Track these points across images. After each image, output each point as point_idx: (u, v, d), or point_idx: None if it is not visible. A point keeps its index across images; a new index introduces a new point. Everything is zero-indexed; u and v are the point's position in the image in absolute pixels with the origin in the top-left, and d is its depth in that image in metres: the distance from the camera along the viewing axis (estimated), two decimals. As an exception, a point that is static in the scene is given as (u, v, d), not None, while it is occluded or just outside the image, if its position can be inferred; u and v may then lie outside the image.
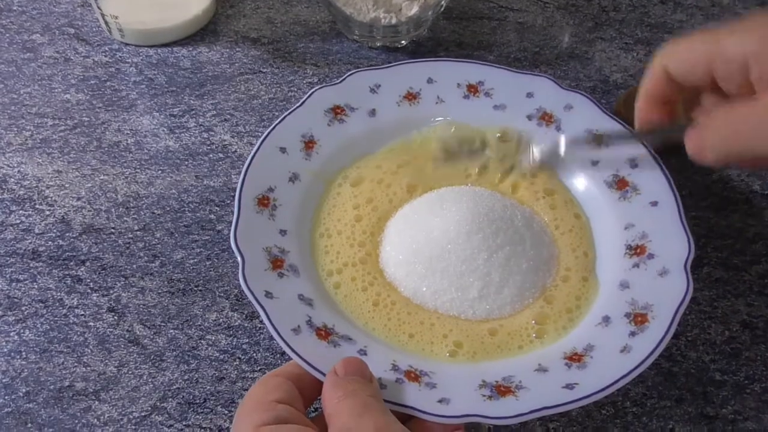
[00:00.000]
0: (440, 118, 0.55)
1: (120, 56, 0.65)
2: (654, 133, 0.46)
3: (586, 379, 0.40)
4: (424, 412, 0.38)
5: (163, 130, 0.59)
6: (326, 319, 0.44)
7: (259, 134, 0.51)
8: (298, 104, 0.52)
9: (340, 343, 0.42)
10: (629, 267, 0.46)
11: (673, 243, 0.45)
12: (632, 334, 0.42)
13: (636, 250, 0.46)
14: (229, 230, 0.45)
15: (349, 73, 0.54)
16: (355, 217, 0.50)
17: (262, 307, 0.41)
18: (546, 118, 0.53)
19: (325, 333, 0.42)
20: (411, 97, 0.54)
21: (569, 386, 0.39)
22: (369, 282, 0.47)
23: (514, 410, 0.38)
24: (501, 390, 0.40)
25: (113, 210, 0.54)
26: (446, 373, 0.42)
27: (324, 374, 0.38)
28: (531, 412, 0.38)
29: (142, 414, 0.44)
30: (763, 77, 0.36)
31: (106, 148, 0.58)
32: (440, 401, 0.39)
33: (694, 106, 0.44)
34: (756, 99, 0.36)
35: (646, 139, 0.49)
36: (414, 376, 0.41)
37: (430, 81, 0.55)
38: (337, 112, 0.53)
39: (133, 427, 0.43)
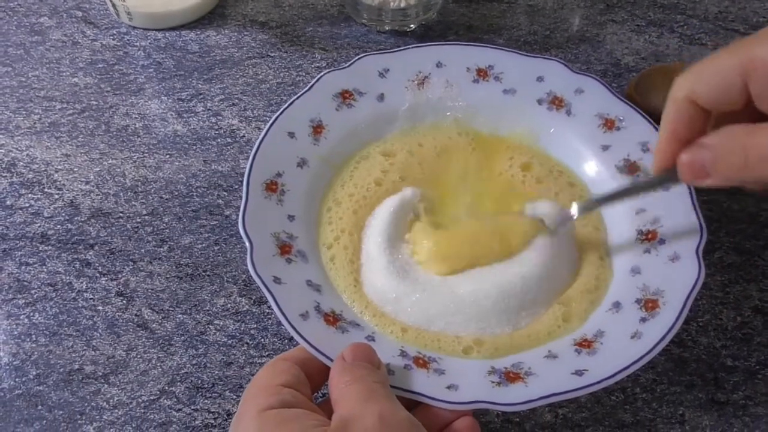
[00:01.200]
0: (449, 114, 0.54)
1: (128, 40, 0.65)
2: (674, 179, 0.39)
3: (596, 366, 0.39)
4: (433, 398, 0.38)
5: (171, 115, 0.59)
6: (334, 305, 0.44)
7: (267, 119, 0.50)
8: (306, 88, 0.52)
9: (348, 329, 0.42)
10: (641, 252, 0.46)
11: (684, 228, 0.45)
12: (643, 320, 0.41)
13: (647, 236, 0.46)
14: (237, 215, 0.45)
15: (357, 57, 0.54)
16: (375, 181, 0.50)
17: (270, 292, 0.41)
18: (556, 102, 0.52)
19: (333, 319, 0.42)
20: (420, 81, 0.54)
21: (579, 372, 0.39)
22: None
23: (523, 397, 0.38)
24: (510, 376, 0.40)
25: (122, 194, 0.54)
26: (455, 359, 0.42)
27: (331, 360, 0.38)
28: (540, 398, 0.38)
29: (151, 398, 0.44)
30: None
31: (115, 132, 0.58)
32: (448, 387, 0.39)
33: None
34: None
35: (666, 186, 0.44)
36: (422, 362, 0.41)
37: (439, 65, 0.54)
38: (345, 96, 0.53)
39: (142, 410, 0.43)
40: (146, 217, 0.53)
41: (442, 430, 0.38)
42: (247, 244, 0.43)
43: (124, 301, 0.48)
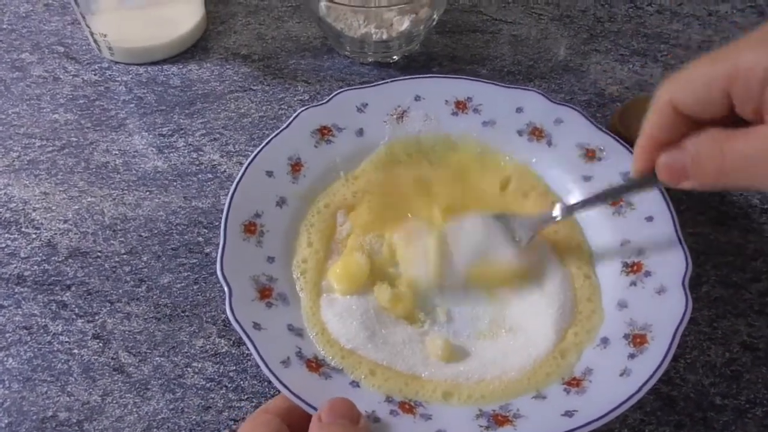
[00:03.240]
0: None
1: (110, 75, 0.65)
2: (653, 182, 0.39)
3: (586, 406, 0.39)
4: None
5: (152, 150, 0.59)
6: (317, 351, 0.43)
7: (249, 153, 0.50)
8: (284, 126, 0.51)
9: (332, 375, 0.41)
10: (627, 285, 0.45)
11: (670, 259, 0.44)
12: (631, 356, 0.41)
13: (633, 267, 0.45)
14: (217, 253, 0.44)
15: (335, 93, 0.53)
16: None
17: (251, 339, 0.40)
18: (536, 133, 0.52)
19: (315, 365, 0.41)
20: (399, 114, 0.53)
21: (569, 413, 0.38)
22: None
23: None
24: (499, 420, 0.39)
25: (100, 233, 0.53)
26: (443, 404, 0.41)
27: (314, 408, 0.37)
28: None
29: (126, 445, 0.43)
30: None
31: (94, 169, 0.57)
32: None
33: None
34: (756, 128, 0.32)
35: (645, 188, 0.44)
36: (409, 407, 0.40)
37: (417, 98, 0.54)
38: (323, 132, 0.52)
39: (117, 459, 0.42)
40: (125, 256, 0.52)
41: None
42: (226, 289, 0.42)
43: (101, 344, 0.47)
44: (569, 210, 0.46)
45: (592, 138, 0.51)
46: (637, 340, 0.41)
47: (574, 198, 0.50)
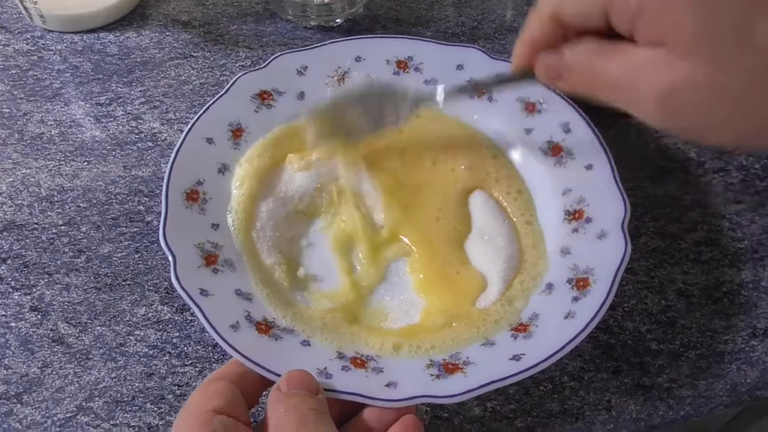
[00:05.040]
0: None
1: (42, 44, 0.63)
2: (530, 77, 0.41)
3: (533, 349, 0.40)
4: (372, 398, 0.37)
5: (89, 120, 0.57)
6: (266, 313, 0.42)
7: (190, 120, 0.49)
8: (222, 92, 0.51)
9: (282, 336, 0.41)
10: (569, 232, 0.46)
11: (609, 205, 0.45)
12: (575, 299, 0.42)
13: (574, 215, 0.46)
14: (159, 221, 0.44)
15: (273, 56, 0.52)
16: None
17: (198, 305, 0.40)
18: (477, 89, 0.52)
19: (265, 327, 0.41)
20: (340, 76, 0.53)
21: (516, 357, 0.39)
22: None
23: (463, 387, 0.38)
24: (449, 368, 0.40)
25: (36, 205, 0.52)
26: (394, 357, 0.41)
27: (267, 370, 0.38)
28: (480, 387, 0.38)
29: (68, 415, 0.42)
30: (650, 27, 0.33)
31: (29, 141, 0.56)
32: (387, 385, 0.38)
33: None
34: (625, 49, 0.34)
35: (522, 83, 0.44)
36: (360, 362, 0.40)
37: (358, 59, 0.53)
38: (264, 97, 0.51)
39: (58, 429, 0.42)
40: (62, 227, 0.51)
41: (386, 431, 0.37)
42: (170, 257, 0.42)
43: (39, 316, 0.46)
44: (450, 93, 0.48)
45: (531, 91, 0.51)
46: (580, 283, 0.42)
47: (516, 152, 0.51)
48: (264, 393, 0.39)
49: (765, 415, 0.62)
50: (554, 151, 0.49)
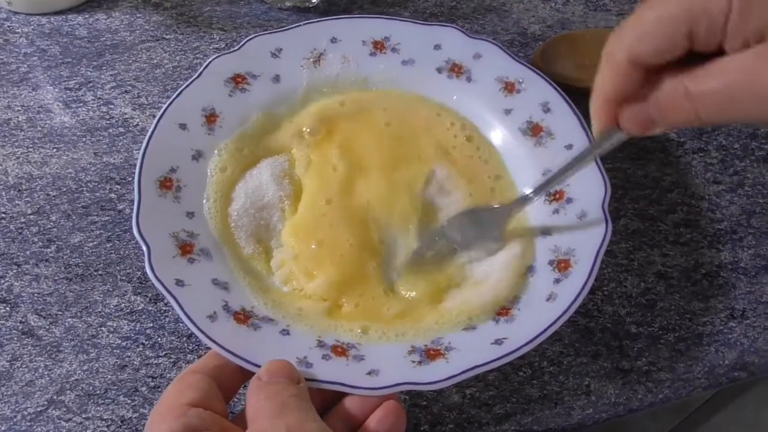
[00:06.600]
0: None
1: (8, 26, 0.61)
2: (616, 135, 0.37)
3: (515, 333, 0.39)
4: (353, 387, 0.37)
5: (58, 105, 0.56)
6: (245, 302, 0.42)
7: (163, 105, 0.48)
8: (195, 76, 0.49)
9: (261, 326, 0.40)
10: (550, 213, 0.46)
11: (589, 185, 0.45)
12: (557, 281, 0.41)
13: (555, 196, 0.46)
14: (132, 209, 0.42)
15: (247, 38, 0.51)
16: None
17: (173, 295, 0.39)
18: (456, 69, 0.51)
19: (244, 317, 0.40)
20: (315, 58, 0.52)
21: (498, 342, 0.39)
22: None
23: (445, 373, 0.37)
24: (430, 354, 0.39)
25: (4, 193, 0.50)
26: (375, 344, 0.41)
27: (245, 360, 0.37)
28: (462, 372, 0.37)
29: (38, 409, 0.41)
30: (743, 25, 0.30)
31: (-5, 128, 0.54)
32: (369, 373, 0.38)
33: None
34: (719, 62, 0.31)
35: (610, 145, 0.39)
36: (341, 350, 0.40)
37: (334, 40, 0.52)
38: (237, 81, 0.50)
39: (28, 423, 0.41)
40: (31, 216, 0.49)
41: (368, 418, 0.37)
42: (144, 247, 0.41)
43: (7, 308, 0.45)
44: (538, 190, 0.44)
45: (510, 71, 0.50)
46: (562, 265, 0.42)
47: (495, 135, 0.50)
48: (241, 385, 0.39)
49: (738, 396, 0.63)
50: (534, 131, 0.49)
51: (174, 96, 0.48)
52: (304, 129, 0.49)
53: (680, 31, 0.31)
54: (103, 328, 0.45)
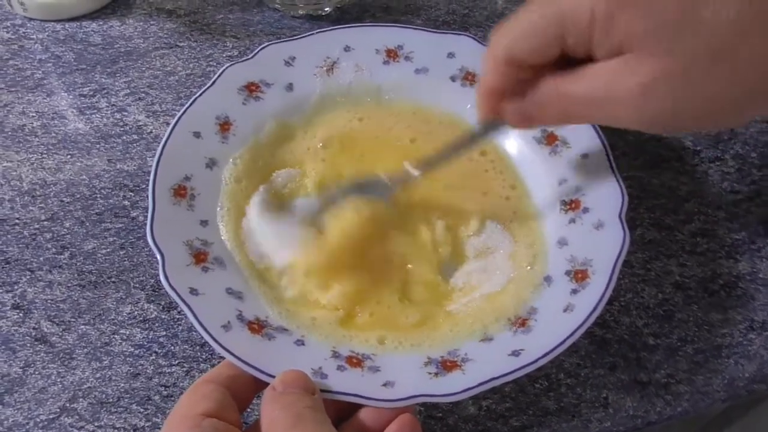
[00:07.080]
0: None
1: (24, 32, 0.61)
2: (500, 126, 0.42)
3: (532, 344, 0.39)
4: (369, 398, 0.36)
5: (72, 112, 0.56)
6: (258, 312, 0.41)
7: (176, 112, 0.48)
8: (209, 84, 0.49)
9: (275, 335, 0.40)
10: (566, 223, 0.45)
11: (606, 194, 0.45)
12: (574, 291, 0.41)
13: (571, 205, 0.45)
14: (145, 217, 0.42)
15: (261, 47, 0.51)
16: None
17: (188, 305, 0.39)
18: (470, 78, 0.51)
19: (258, 326, 0.40)
20: (329, 67, 0.51)
21: (515, 353, 0.38)
22: None
23: (462, 385, 0.37)
24: (447, 365, 0.39)
25: (18, 199, 0.50)
26: (391, 354, 0.40)
27: (260, 371, 0.36)
28: (479, 384, 0.37)
29: (50, 416, 0.41)
30: (606, 38, 0.33)
31: (10, 133, 0.54)
32: (385, 385, 0.37)
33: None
34: (588, 68, 0.35)
35: (492, 134, 0.45)
36: (356, 361, 0.39)
37: (347, 49, 0.52)
38: (251, 89, 0.50)
39: (40, 430, 0.40)
40: (45, 222, 0.49)
41: (383, 431, 0.36)
42: (158, 255, 0.40)
43: (21, 314, 0.45)
44: (424, 166, 0.45)
45: None
46: (579, 275, 0.42)
47: (510, 144, 0.50)
48: (255, 395, 0.38)
49: (752, 407, 0.62)
50: (549, 140, 0.48)
51: (188, 104, 0.48)
52: (318, 145, 0.50)
53: (552, 36, 0.35)
54: (116, 336, 0.44)
